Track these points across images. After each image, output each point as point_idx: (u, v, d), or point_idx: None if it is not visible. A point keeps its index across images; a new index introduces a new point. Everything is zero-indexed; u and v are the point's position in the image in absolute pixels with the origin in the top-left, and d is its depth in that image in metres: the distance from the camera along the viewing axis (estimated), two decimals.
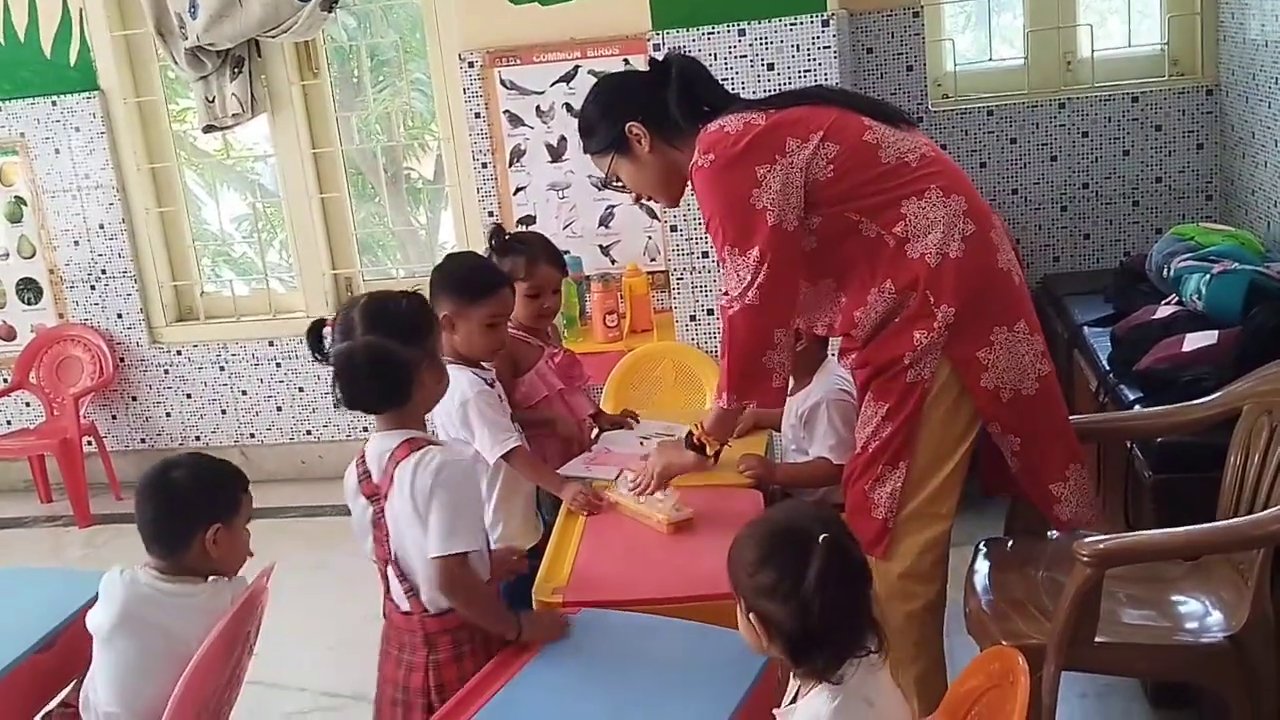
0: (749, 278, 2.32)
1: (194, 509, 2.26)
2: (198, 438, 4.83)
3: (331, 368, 2.14)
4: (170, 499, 2.27)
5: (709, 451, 2.59)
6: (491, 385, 2.74)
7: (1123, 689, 2.84)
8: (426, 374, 2.18)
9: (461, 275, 2.75)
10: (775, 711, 1.73)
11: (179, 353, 4.81)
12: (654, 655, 2.07)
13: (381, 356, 2.10)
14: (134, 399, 4.88)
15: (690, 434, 2.61)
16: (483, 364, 2.77)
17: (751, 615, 1.66)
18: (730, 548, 1.72)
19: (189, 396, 4.83)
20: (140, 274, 4.77)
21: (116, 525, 4.42)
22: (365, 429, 4.70)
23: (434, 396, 2.26)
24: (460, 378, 2.70)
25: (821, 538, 1.61)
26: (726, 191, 2.32)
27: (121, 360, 4.83)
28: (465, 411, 2.68)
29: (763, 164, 2.29)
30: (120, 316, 4.79)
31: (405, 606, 2.21)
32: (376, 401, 2.16)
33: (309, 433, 4.79)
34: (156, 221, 4.80)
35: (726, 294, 2.39)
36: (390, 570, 2.21)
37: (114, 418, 4.89)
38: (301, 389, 4.75)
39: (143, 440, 4.89)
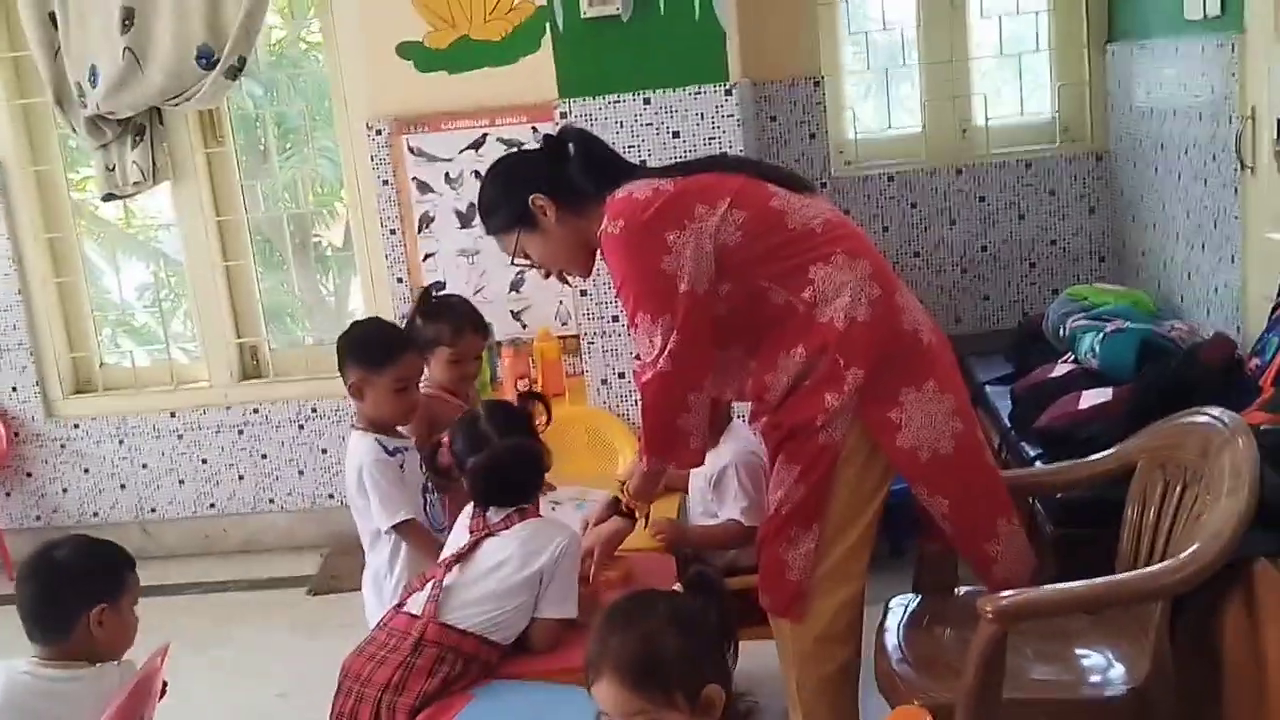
0: (661, 343, 2.32)
1: (77, 591, 2.19)
2: (96, 514, 4.67)
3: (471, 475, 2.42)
4: (52, 581, 2.20)
5: (638, 515, 2.59)
6: (393, 454, 2.71)
7: None
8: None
9: (365, 341, 2.74)
10: None
11: (76, 426, 4.67)
12: None
13: (527, 455, 2.44)
14: (29, 475, 4.71)
15: (617, 499, 2.59)
16: (399, 430, 2.74)
17: (705, 693, 1.60)
18: (638, 659, 1.62)
19: (86, 471, 4.68)
20: (36, 346, 4.64)
21: (8, 606, 4.24)
22: (272, 501, 4.63)
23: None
24: (361, 445, 2.69)
25: (689, 579, 1.73)
26: (637, 258, 2.33)
27: (15, 435, 4.67)
28: (360, 479, 2.66)
29: (672, 230, 2.30)
30: (15, 390, 4.64)
31: (416, 610, 2.30)
32: (525, 497, 2.44)
33: (212, 505, 4.66)
34: (54, 292, 4.68)
35: (639, 360, 2.40)
36: (447, 579, 2.35)
37: (7, 495, 4.72)
38: (205, 460, 4.63)
39: (38, 518, 4.72)
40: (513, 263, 2.57)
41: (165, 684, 2.28)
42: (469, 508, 2.49)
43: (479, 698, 2.13)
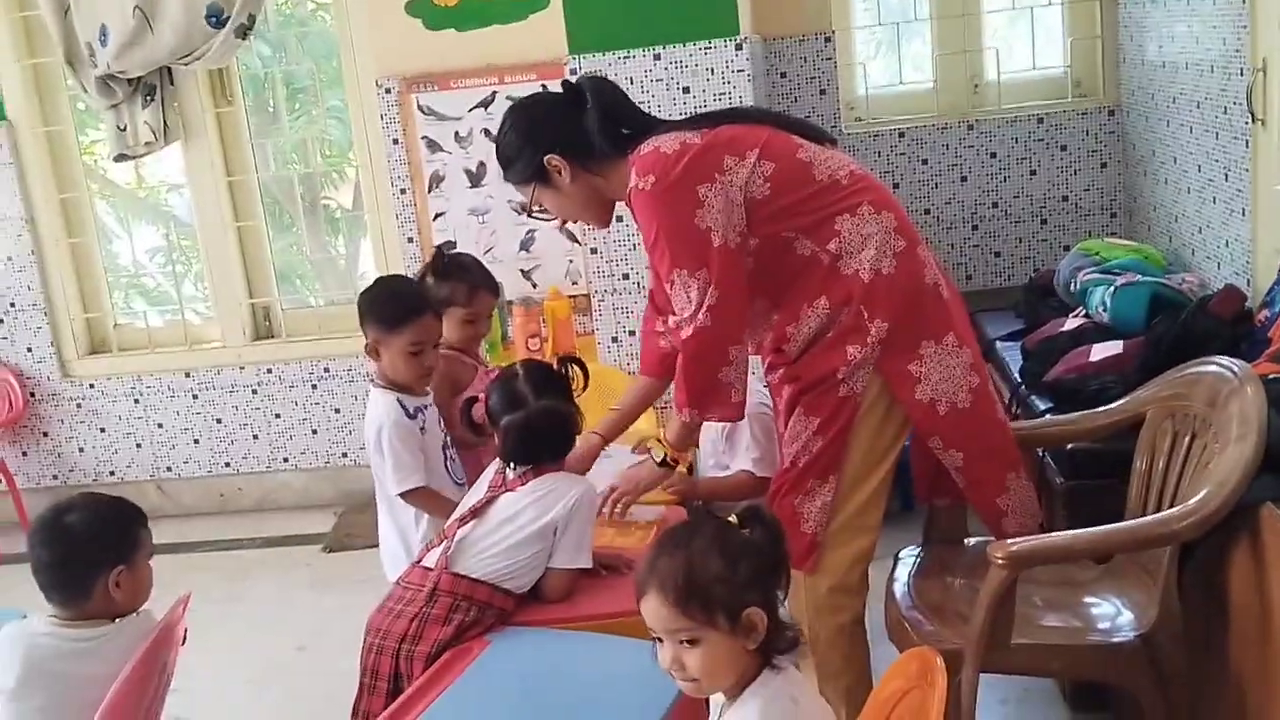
0: (699, 299, 2.33)
1: (94, 554, 2.19)
2: (112, 473, 4.72)
3: (504, 433, 2.44)
4: (66, 548, 2.19)
5: (676, 464, 2.60)
6: (413, 415, 2.72)
7: (1042, 694, 2.89)
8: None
9: (383, 301, 2.75)
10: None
11: (92, 386, 4.71)
12: (580, 671, 2.08)
13: (558, 418, 2.45)
14: (45, 434, 4.76)
15: (651, 449, 2.60)
16: (418, 389, 2.75)
17: (746, 614, 1.64)
18: (682, 577, 1.65)
19: (102, 431, 4.73)
20: (51, 307, 4.67)
21: (27, 565, 4.30)
22: (286, 460, 4.67)
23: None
24: (381, 404, 2.70)
25: (742, 513, 1.70)
26: (669, 213, 2.33)
27: (32, 395, 4.71)
28: (379, 439, 2.67)
29: (703, 183, 2.30)
30: (30, 350, 4.68)
31: (431, 563, 2.34)
32: (552, 458, 2.45)
33: (227, 465, 4.70)
34: (67, 253, 4.70)
35: (677, 316, 2.41)
36: (460, 531, 2.37)
37: (24, 454, 4.77)
38: (219, 420, 4.67)
39: (55, 477, 4.77)
40: (530, 214, 2.58)
41: (185, 632, 2.32)
42: (494, 464, 2.51)
43: (495, 643, 2.16)
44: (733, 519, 1.71)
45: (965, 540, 2.64)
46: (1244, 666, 2.11)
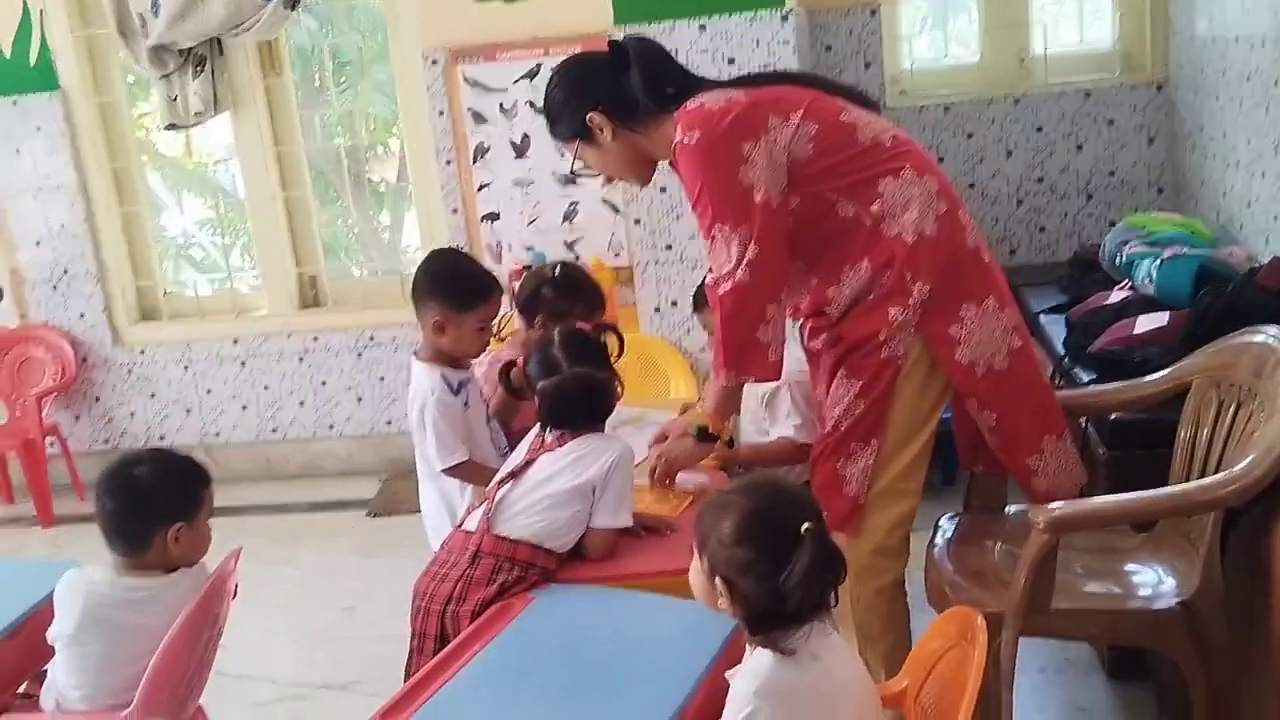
0: (739, 255, 2.33)
1: (157, 509, 2.25)
2: (161, 437, 4.81)
3: (540, 397, 2.47)
4: (133, 498, 2.25)
5: (720, 435, 2.59)
6: (458, 390, 2.75)
7: (1080, 663, 2.90)
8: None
9: (454, 279, 2.78)
10: (727, 673, 1.77)
11: (142, 352, 4.79)
12: (623, 627, 2.11)
13: (593, 384, 2.47)
14: (97, 399, 4.85)
15: (700, 427, 2.61)
16: (463, 363, 2.79)
17: (717, 580, 1.71)
18: (704, 510, 1.75)
19: (153, 396, 4.82)
20: (102, 274, 4.75)
21: (80, 526, 4.39)
22: (331, 427, 4.73)
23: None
24: (426, 380, 2.73)
25: (805, 528, 1.66)
26: (714, 168, 2.33)
27: (84, 360, 4.80)
28: (423, 415, 2.71)
29: (748, 140, 2.31)
30: (82, 316, 4.77)
31: (472, 526, 2.38)
32: (588, 422, 2.47)
33: (274, 430, 4.78)
34: (119, 222, 4.78)
35: (714, 272, 2.41)
36: (499, 493, 2.39)
37: (76, 418, 4.87)
38: (267, 387, 4.74)
39: (106, 441, 4.87)
40: (572, 172, 2.61)
41: (236, 586, 2.38)
42: (534, 429, 2.55)
43: (538, 600, 2.19)
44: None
45: (1005, 508, 2.65)
46: None
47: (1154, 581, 2.32)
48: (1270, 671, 2.19)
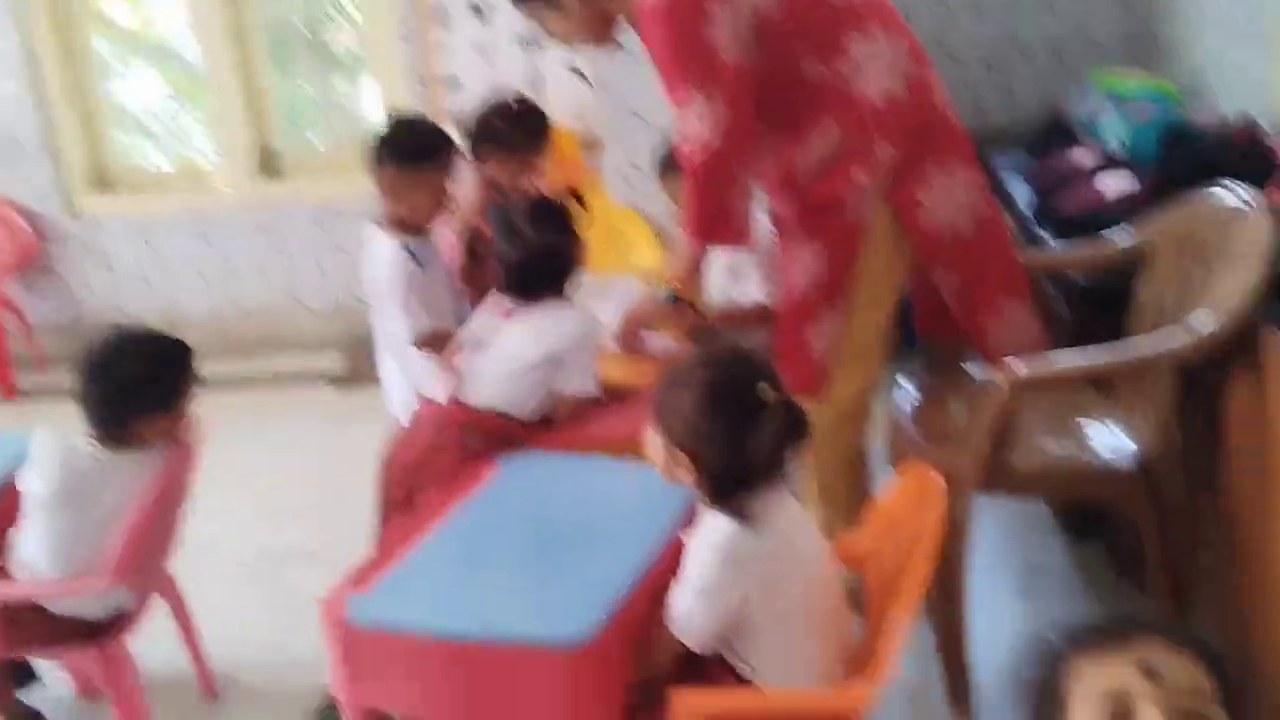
0: (709, 118, 2.27)
1: (140, 399, 2.24)
2: (121, 310, 4.74)
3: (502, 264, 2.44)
4: (116, 386, 2.23)
5: (686, 298, 2.57)
6: (419, 260, 2.72)
7: (1038, 523, 2.96)
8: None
9: (408, 139, 2.72)
10: (684, 533, 1.79)
11: (99, 226, 4.70)
12: (589, 492, 2.13)
13: (555, 251, 2.44)
14: (55, 273, 4.77)
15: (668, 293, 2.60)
16: (424, 231, 2.75)
17: (678, 451, 1.71)
18: (663, 383, 1.75)
19: (111, 270, 4.74)
20: (56, 147, 4.62)
21: (42, 398, 4.38)
22: (295, 300, 4.68)
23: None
24: (386, 249, 2.70)
25: (768, 396, 1.68)
26: (679, 29, 2.26)
27: (40, 234, 4.70)
28: (389, 287, 2.68)
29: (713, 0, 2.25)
30: (37, 190, 4.65)
31: (437, 396, 2.40)
32: (551, 290, 2.44)
33: (236, 304, 4.73)
34: (70, 93, 4.63)
35: (683, 137, 2.36)
36: (464, 362, 2.40)
37: (35, 293, 4.79)
38: (227, 260, 4.68)
39: (66, 315, 4.79)
40: (536, 36, 2.54)
41: (199, 452, 2.38)
42: (494, 296, 2.53)
43: (505, 466, 2.20)
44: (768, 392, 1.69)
45: (966, 369, 2.66)
46: (1243, 501, 2.14)
47: (1113, 441, 2.36)
48: (1225, 528, 2.24)
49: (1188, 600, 2.33)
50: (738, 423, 1.68)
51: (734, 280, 2.89)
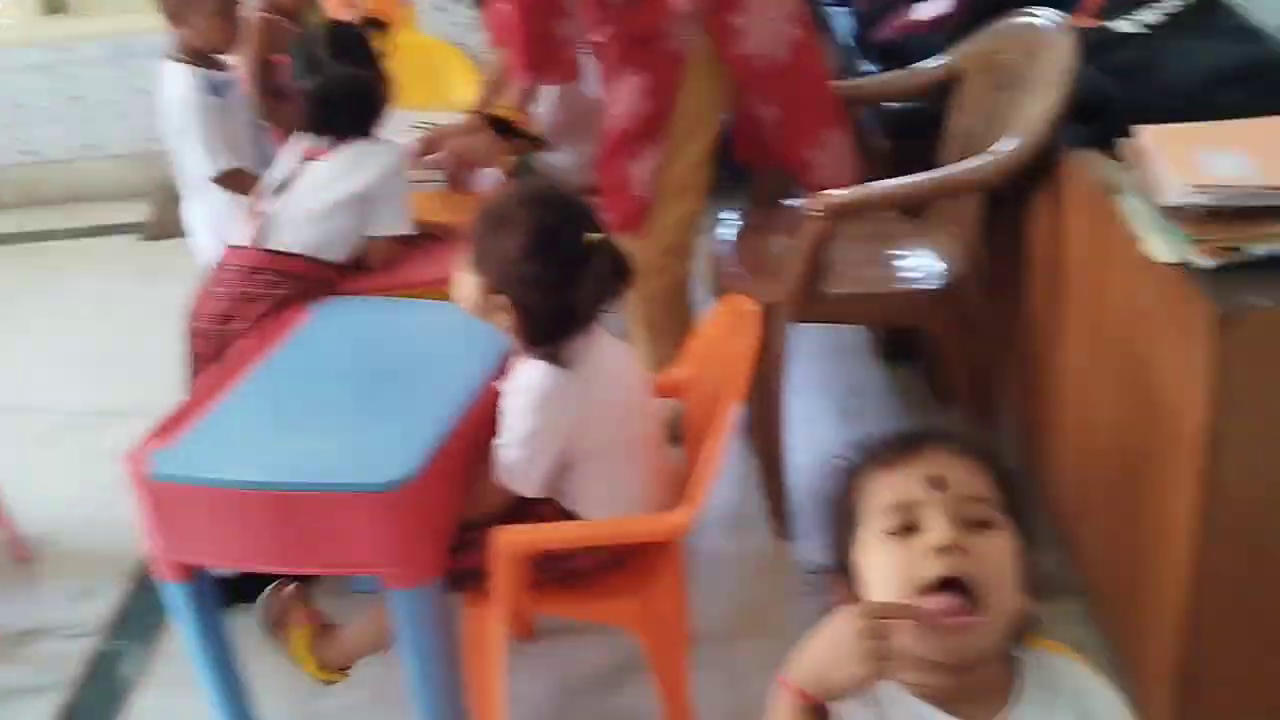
0: None
1: None
2: None
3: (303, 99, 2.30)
4: None
5: (520, 131, 2.53)
6: (218, 92, 2.58)
7: (857, 349, 3.05)
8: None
9: None
10: (498, 384, 1.77)
11: None
12: (405, 336, 2.07)
13: (359, 85, 2.30)
14: None
15: (494, 117, 2.52)
16: (223, 60, 2.59)
17: (502, 298, 1.67)
18: (481, 225, 1.69)
19: None
20: None
21: None
22: (94, 147, 4.40)
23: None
24: (181, 82, 2.55)
25: (593, 239, 1.66)
26: None
27: None
28: (184, 120, 2.54)
29: None
30: None
31: (243, 241, 2.27)
32: (356, 127, 2.30)
33: (29, 153, 4.42)
34: None
35: None
36: (268, 205, 2.27)
37: None
38: (17, 105, 4.35)
39: None
40: None
41: None
42: (297, 136, 2.41)
43: (317, 312, 2.13)
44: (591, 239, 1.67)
45: (786, 200, 2.68)
46: (1041, 313, 2.24)
47: (922, 265, 2.42)
48: (1025, 344, 2.34)
49: (991, 412, 2.45)
50: (563, 268, 1.66)
51: (562, 111, 2.83)
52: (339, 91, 2.29)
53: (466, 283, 1.71)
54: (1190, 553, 1.58)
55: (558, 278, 1.66)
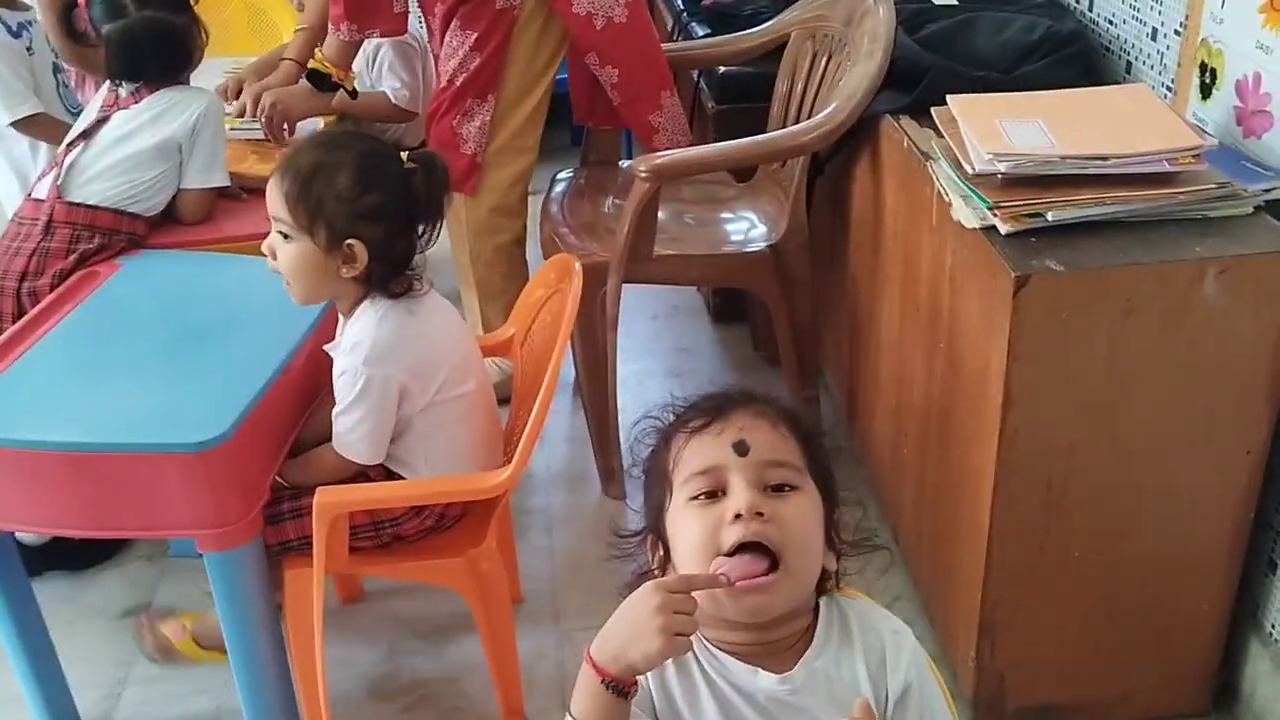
0: None
1: None
2: None
3: (105, 45, 2.20)
4: None
5: (343, 85, 2.47)
6: (17, 33, 2.44)
7: (688, 310, 3.09)
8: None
9: None
10: (325, 347, 1.74)
11: None
12: (220, 292, 2.00)
13: (164, 30, 2.21)
14: None
15: (313, 71, 2.45)
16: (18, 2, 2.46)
17: (347, 244, 1.62)
18: (301, 177, 1.62)
19: None
20: None
21: None
22: None
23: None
24: None
25: (415, 152, 1.68)
26: None
27: None
28: None
29: None
30: None
31: (43, 194, 2.15)
32: (163, 73, 2.22)
33: None
34: None
35: None
36: (70, 156, 2.17)
37: None
38: None
39: None
40: None
41: None
42: (105, 85, 2.30)
43: (126, 266, 2.05)
44: (405, 157, 1.67)
45: (620, 162, 2.70)
46: (859, 271, 2.31)
47: (748, 228, 2.46)
48: (846, 304, 2.41)
49: (814, 371, 2.52)
50: (399, 191, 1.64)
51: (374, 70, 2.77)
52: (143, 36, 2.18)
53: (296, 248, 1.64)
54: (990, 501, 1.66)
55: (398, 203, 1.64)
